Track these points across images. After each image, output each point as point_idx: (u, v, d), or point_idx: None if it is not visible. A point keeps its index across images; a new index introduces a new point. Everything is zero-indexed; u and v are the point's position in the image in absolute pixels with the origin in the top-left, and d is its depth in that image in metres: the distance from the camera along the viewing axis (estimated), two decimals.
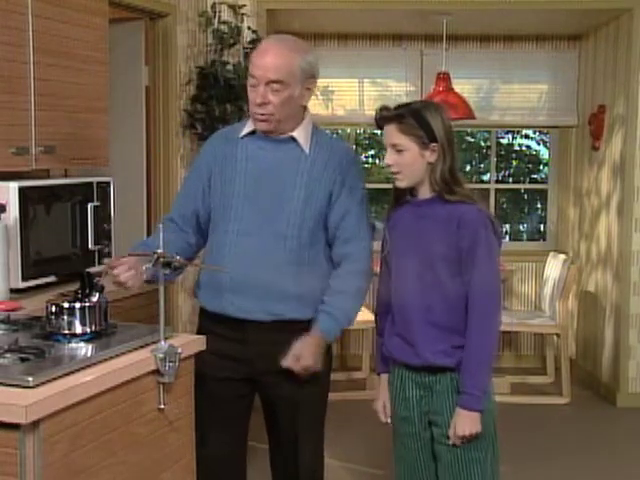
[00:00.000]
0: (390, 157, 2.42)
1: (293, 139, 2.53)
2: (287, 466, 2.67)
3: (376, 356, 2.67)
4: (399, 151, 2.40)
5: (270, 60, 2.42)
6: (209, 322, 2.59)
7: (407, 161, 2.39)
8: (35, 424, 1.78)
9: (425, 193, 2.44)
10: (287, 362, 2.47)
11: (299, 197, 2.50)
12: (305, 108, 2.56)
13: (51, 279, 3.20)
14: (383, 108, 2.46)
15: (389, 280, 2.55)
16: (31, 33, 3.16)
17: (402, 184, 2.44)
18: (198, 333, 2.54)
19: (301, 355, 2.47)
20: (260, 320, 2.50)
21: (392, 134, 2.41)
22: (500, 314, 2.44)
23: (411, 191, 2.47)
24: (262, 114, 2.46)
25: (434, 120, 2.38)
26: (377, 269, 2.65)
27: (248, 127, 2.57)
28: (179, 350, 2.19)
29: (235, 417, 2.65)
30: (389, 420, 2.61)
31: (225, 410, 2.61)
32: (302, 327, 2.52)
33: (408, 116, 2.38)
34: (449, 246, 2.37)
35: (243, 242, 2.50)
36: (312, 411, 2.64)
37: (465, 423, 2.36)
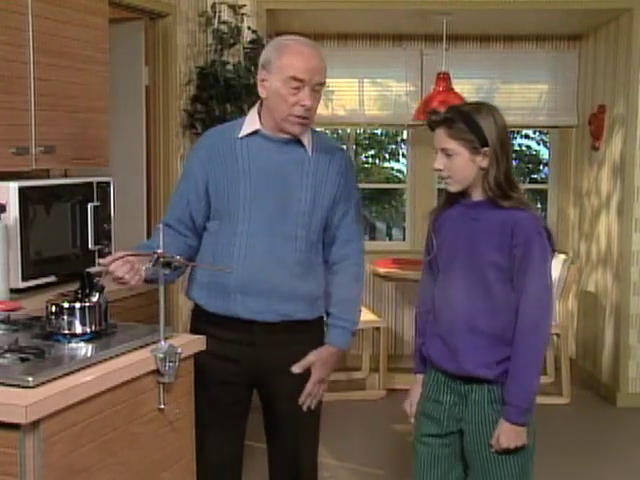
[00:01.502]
0: (440, 161, 2.35)
1: (298, 141, 2.52)
2: (287, 465, 2.67)
3: (414, 355, 2.58)
4: (449, 155, 2.33)
5: (316, 63, 2.44)
6: (206, 324, 2.55)
7: (457, 166, 2.32)
8: (35, 424, 1.78)
9: (478, 195, 2.37)
10: (298, 369, 2.53)
11: (306, 199, 2.50)
12: None
13: (51, 279, 3.21)
14: (432, 112, 2.38)
15: (432, 281, 2.49)
16: (31, 33, 3.16)
17: (453, 188, 2.38)
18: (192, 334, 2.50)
19: (315, 365, 2.55)
20: (269, 321, 2.50)
21: (441, 138, 2.34)
22: (550, 325, 2.37)
23: (463, 192, 2.40)
24: (305, 117, 2.46)
25: (485, 123, 2.30)
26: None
27: (247, 127, 2.54)
28: (179, 350, 2.19)
29: (235, 420, 2.64)
30: (413, 420, 2.55)
31: (225, 413, 2.60)
32: (309, 327, 2.55)
33: (458, 120, 2.30)
34: (501, 252, 2.30)
35: (252, 243, 2.48)
36: (312, 411, 2.64)
37: (510, 436, 2.30)
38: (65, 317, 2.17)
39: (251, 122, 2.54)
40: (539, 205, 6.92)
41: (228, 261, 2.49)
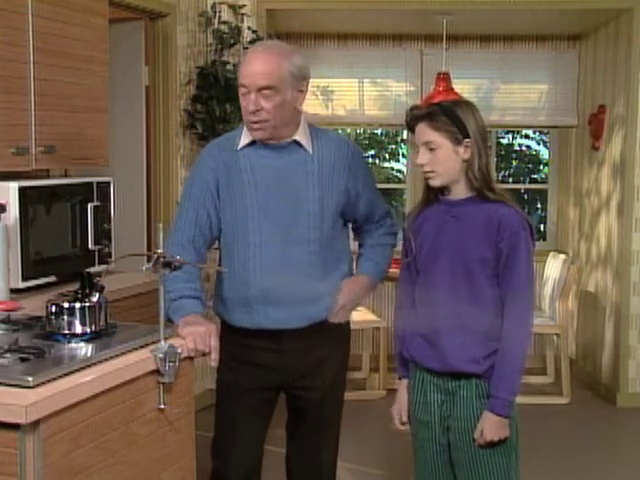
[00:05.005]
0: (423, 156, 2.36)
1: (296, 142, 2.51)
2: (308, 465, 2.71)
3: (396, 359, 2.58)
4: (432, 149, 2.34)
5: (258, 67, 2.41)
6: (237, 336, 2.55)
7: (441, 159, 2.34)
8: (35, 424, 1.77)
9: (460, 193, 2.38)
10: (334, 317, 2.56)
11: (314, 198, 2.49)
12: (300, 110, 2.53)
13: (51, 279, 3.21)
14: (413, 107, 2.42)
15: (411, 283, 2.49)
16: (31, 33, 3.16)
17: (436, 183, 2.38)
18: (226, 347, 2.41)
19: (343, 290, 2.56)
20: (296, 327, 2.51)
21: (424, 132, 2.35)
22: (533, 317, 2.38)
23: (442, 191, 2.41)
24: (256, 122, 2.43)
25: (466, 116, 2.34)
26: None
27: (245, 138, 2.52)
28: (179, 350, 2.19)
29: (261, 423, 2.66)
30: (403, 427, 2.55)
31: (253, 417, 2.62)
32: (333, 326, 2.56)
33: (440, 113, 2.34)
34: (489, 248, 2.32)
35: (267, 253, 2.47)
36: (337, 411, 2.70)
37: (493, 428, 2.31)
38: (65, 317, 2.16)
39: (247, 132, 2.52)
40: (539, 205, 6.93)
41: (246, 274, 2.49)
